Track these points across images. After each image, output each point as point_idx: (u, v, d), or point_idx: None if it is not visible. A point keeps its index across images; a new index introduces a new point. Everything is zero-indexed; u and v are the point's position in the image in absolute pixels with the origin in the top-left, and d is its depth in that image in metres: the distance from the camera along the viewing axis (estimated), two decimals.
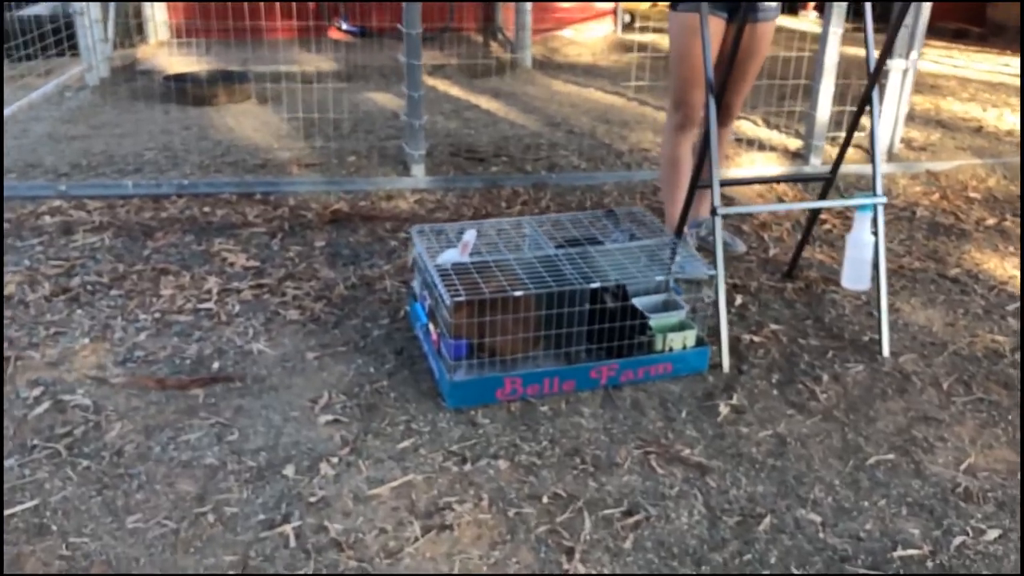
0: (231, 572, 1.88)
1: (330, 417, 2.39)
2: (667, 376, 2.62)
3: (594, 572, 1.91)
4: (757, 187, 4.12)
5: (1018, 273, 3.40)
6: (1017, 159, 4.61)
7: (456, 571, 1.90)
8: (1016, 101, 5.87)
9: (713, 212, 2.66)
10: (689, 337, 2.63)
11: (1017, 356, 2.81)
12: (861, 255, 3.14)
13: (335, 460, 2.23)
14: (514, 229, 2.84)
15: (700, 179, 2.89)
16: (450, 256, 2.64)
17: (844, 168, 3.32)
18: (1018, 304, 3.15)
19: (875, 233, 2.86)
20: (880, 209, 2.79)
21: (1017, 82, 6.40)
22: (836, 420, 2.46)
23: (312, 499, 2.09)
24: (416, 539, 1.98)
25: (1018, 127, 5.27)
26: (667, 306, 2.76)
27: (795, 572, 1.93)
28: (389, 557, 1.93)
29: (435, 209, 3.80)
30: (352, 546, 1.96)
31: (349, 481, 2.16)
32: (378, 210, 3.77)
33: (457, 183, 4.03)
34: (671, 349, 2.61)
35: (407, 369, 2.63)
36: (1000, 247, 3.62)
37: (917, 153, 4.66)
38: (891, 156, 4.46)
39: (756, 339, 2.86)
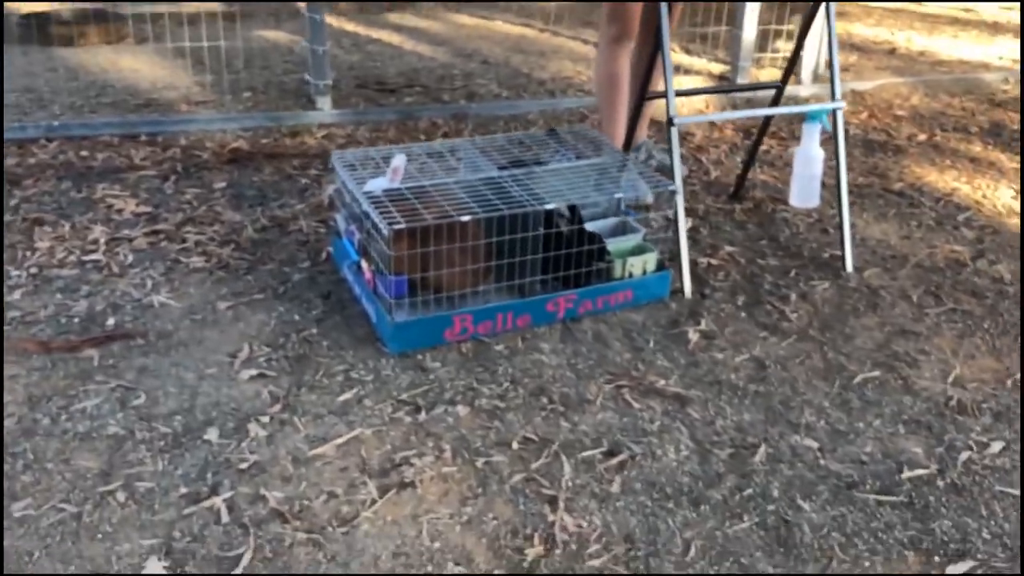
0: (153, 558, 1.55)
1: (254, 372, 2.06)
2: (627, 305, 2.38)
3: (584, 522, 1.67)
4: (686, 111, 3.92)
5: (960, 185, 3.31)
6: (938, 77, 4.57)
7: (425, 534, 1.63)
8: (921, 25, 5.88)
9: (670, 122, 2.43)
10: (649, 261, 2.40)
11: (980, 264, 2.70)
12: (810, 171, 2.98)
13: (265, 419, 1.90)
14: (448, 152, 2.53)
15: (648, 90, 2.64)
16: (379, 184, 2.32)
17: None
18: (969, 213, 3.06)
19: (830, 139, 2.69)
20: (839, 115, 2.62)
21: (917, 7, 6.43)
22: (812, 340, 2.28)
23: (243, 465, 1.77)
24: (373, 501, 1.69)
25: (929, 48, 5.26)
26: (621, 229, 2.52)
27: (803, 504, 1.73)
28: (344, 524, 1.64)
29: (346, 144, 3.44)
30: (298, 515, 1.65)
31: (285, 442, 1.84)
32: (283, 147, 3.39)
33: (369, 116, 3.68)
34: (630, 275, 2.38)
35: (338, 314, 2.31)
36: (937, 161, 3.53)
37: (840, 74, 4.55)
38: (817, 77, 4.33)
39: (713, 262, 2.66)
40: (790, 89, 4.19)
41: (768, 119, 2.94)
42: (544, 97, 3.98)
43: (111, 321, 2.23)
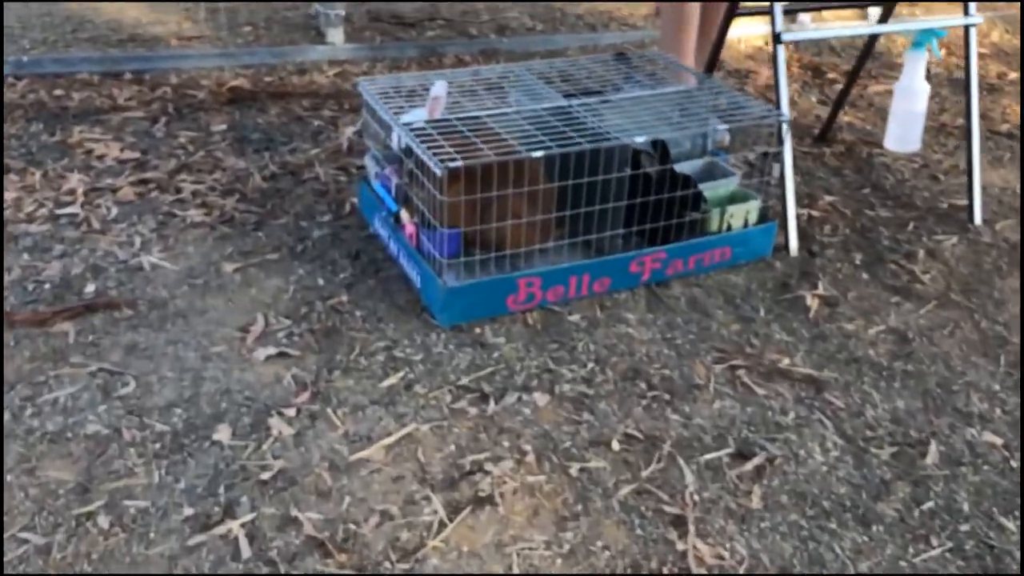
0: None
1: (272, 350, 1.63)
2: (723, 265, 1.96)
3: (724, 551, 1.25)
4: (744, 48, 3.47)
5: None
6: (1016, 12, 4.11)
7: (516, 570, 1.21)
8: None
9: (777, 38, 1.98)
10: (752, 211, 1.96)
11: None
12: (913, 108, 2.54)
13: (291, 412, 1.48)
14: (500, 78, 2.08)
15: (738, 6, 2.20)
16: (417, 117, 1.88)
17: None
18: None
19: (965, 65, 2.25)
20: (973, 34, 2.17)
21: None
22: (957, 306, 1.86)
23: (265, 475, 1.35)
24: (441, 524, 1.27)
25: None
26: (711, 172, 2.08)
27: (1005, 523, 1.32)
28: (406, 558, 1.22)
29: None
30: (344, 546, 1.23)
31: (318, 442, 1.42)
32: (289, 86, 2.92)
33: (387, 51, 3.21)
34: (729, 228, 1.95)
35: (371, 277, 1.87)
36: None
37: (910, 8, 4.09)
38: None
39: (815, 213, 2.23)
40: (853, 22, 3.75)
41: (872, 41, 2.50)
42: (583, 31, 3.51)
43: (91, 287, 1.79)
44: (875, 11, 3.98)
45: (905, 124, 2.57)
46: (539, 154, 1.66)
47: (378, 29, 3.44)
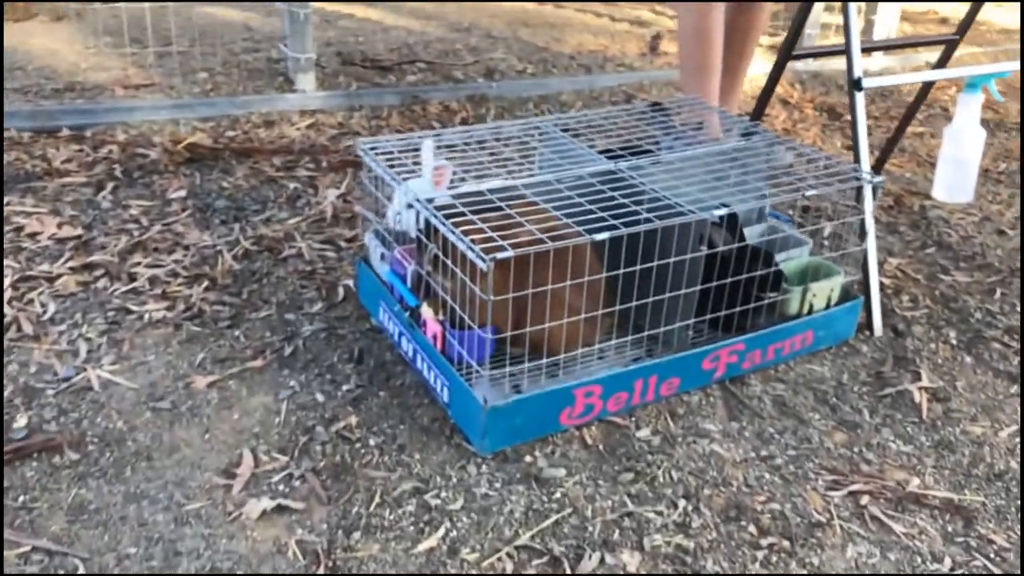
0: None
1: (267, 503, 1.25)
2: (802, 352, 1.63)
3: None
4: (751, 89, 3.20)
5: None
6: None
7: None
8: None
9: (856, 85, 1.68)
10: (836, 288, 1.65)
11: None
12: (965, 155, 2.26)
13: None
14: (524, 134, 1.74)
15: (795, 47, 1.90)
16: (420, 188, 1.53)
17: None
18: None
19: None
20: None
21: None
22: None
23: None
24: None
25: (984, 16, 4.63)
26: (777, 241, 1.77)
27: None
28: None
29: (340, 135, 2.62)
30: None
31: None
32: (256, 141, 2.55)
33: (364, 99, 2.85)
34: (811, 309, 1.63)
35: (382, 388, 1.51)
36: None
37: (912, 50, 3.88)
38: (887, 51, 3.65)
39: (885, 281, 1.92)
40: (866, 62, 3.51)
41: (928, 87, 2.23)
42: (578, 73, 3.20)
43: (22, 420, 1.39)
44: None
45: (957, 172, 2.29)
46: (603, 236, 1.32)
47: (352, 74, 3.08)
